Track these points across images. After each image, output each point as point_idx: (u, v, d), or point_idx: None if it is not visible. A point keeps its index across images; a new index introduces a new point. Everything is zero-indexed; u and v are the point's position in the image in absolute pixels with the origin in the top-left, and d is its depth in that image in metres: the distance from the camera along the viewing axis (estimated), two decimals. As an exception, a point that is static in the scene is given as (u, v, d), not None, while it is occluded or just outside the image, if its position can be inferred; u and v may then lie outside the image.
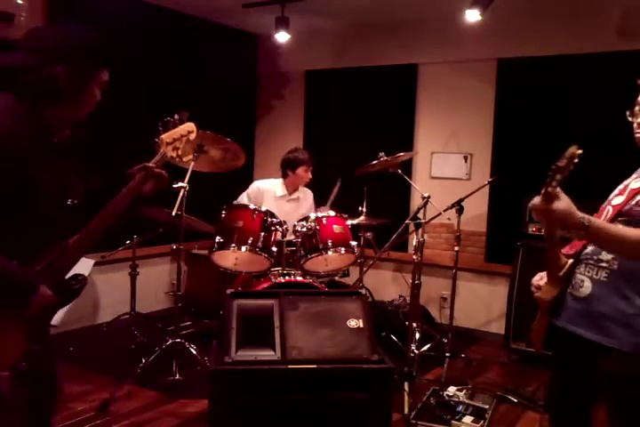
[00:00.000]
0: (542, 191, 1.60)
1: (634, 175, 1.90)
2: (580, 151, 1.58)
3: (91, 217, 1.72)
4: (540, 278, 1.99)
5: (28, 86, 1.56)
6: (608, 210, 1.83)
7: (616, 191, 1.91)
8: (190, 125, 2.04)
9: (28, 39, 1.62)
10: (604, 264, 1.78)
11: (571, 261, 1.87)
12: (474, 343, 4.61)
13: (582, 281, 1.82)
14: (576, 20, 4.25)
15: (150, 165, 1.87)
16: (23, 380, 1.58)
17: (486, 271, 4.74)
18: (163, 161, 1.91)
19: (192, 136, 2.03)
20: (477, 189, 3.95)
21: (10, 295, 1.54)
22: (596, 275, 1.79)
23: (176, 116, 2.01)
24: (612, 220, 1.78)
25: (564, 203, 1.61)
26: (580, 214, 1.64)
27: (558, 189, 1.60)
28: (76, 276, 1.72)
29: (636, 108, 1.81)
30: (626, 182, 1.89)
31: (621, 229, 1.70)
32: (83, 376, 3.62)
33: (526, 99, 4.49)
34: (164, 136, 1.94)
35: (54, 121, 1.64)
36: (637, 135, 1.81)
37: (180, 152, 1.98)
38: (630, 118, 1.83)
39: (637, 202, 1.74)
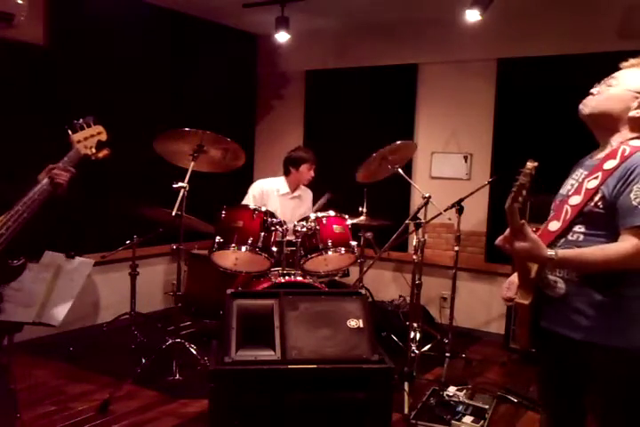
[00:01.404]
0: (507, 209, 1.66)
1: (581, 170, 1.91)
2: (536, 164, 1.63)
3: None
4: (508, 289, 1.98)
5: None
6: (567, 210, 1.82)
7: (569, 187, 1.90)
8: (98, 128, 2.30)
9: None
10: None
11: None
12: (474, 343, 4.61)
13: (555, 282, 1.81)
14: (576, 20, 4.25)
15: (54, 166, 2.07)
16: None
17: (486, 271, 4.74)
18: (76, 157, 2.16)
19: (102, 137, 2.30)
20: (477, 189, 3.95)
21: None
22: (567, 275, 1.79)
23: (81, 120, 2.27)
24: (573, 220, 1.79)
25: (528, 244, 1.67)
26: (547, 252, 1.68)
27: (525, 227, 1.65)
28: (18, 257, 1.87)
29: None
30: (577, 178, 1.89)
31: (596, 251, 1.70)
32: (83, 376, 3.63)
33: (526, 99, 4.49)
34: (74, 136, 2.20)
35: None
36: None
37: (93, 150, 2.24)
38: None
39: (596, 203, 1.74)
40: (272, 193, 4.13)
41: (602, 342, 1.72)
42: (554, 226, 1.84)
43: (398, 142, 3.90)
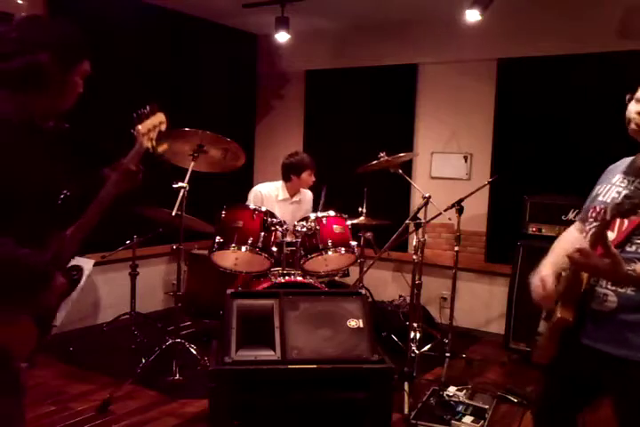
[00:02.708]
0: (593, 241, 1.59)
1: (630, 177, 1.82)
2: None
3: (83, 210, 1.74)
4: (544, 287, 1.80)
5: (12, 73, 1.56)
6: (623, 222, 1.71)
7: (615, 195, 1.80)
8: (161, 116, 2.07)
9: (10, 29, 1.61)
10: None
11: (586, 275, 1.74)
12: (474, 343, 4.60)
13: (606, 295, 1.71)
14: (576, 20, 4.25)
15: (125, 161, 1.88)
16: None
17: (486, 271, 4.74)
18: (140, 153, 1.93)
19: (163, 127, 2.06)
20: (477, 189, 3.95)
21: (28, 283, 1.52)
22: (622, 288, 1.69)
23: (148, 108, 2.04)
24: (632, 232, 1.69)
25: (608, 261, 1.56)
26: (626, 269, 1.57)
27: (607, 240, 1.55)
28: (74, 267, 1.74)
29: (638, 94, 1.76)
30: (625, 186, 1.80)
31: None
32: (83, 376, 3.63)
33: (526, 99, 4.49)
34: (139, 127, 1.97)
35: (38, 110, 1.63)
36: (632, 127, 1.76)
37: (154, 143, 2.00)
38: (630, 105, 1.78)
39: None
40: (269, 198, 4.11)
41: None
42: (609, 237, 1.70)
43: (402, 154, 3.96)
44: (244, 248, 3.36)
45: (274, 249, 3.45)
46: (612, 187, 1.85)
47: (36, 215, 1.59)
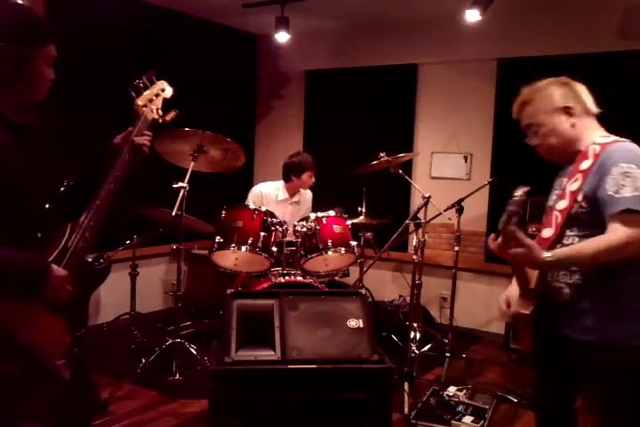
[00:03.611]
0: (501, 231, 1.69)
1: (561, 179, 1.97)
2: (527, 189, 1.67)
3: (90, 195, 1.67)
4: (507, 304, 1.98)
5: None
6: (556, 216, 1.86)
7: (554, 197, 1.95)
8: (162, 83, 2.03)
9: None
10: (574, 268, 1.81)
11: (537, 272, 1.87)
12: (474, 343, 4.60)
13: (560, 288, 1.85)
14: (576, 20, 4.25)
15: (133, 129, 1.83)
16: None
17: (486, 271, 4.74)
18: (146, 124, 1.88)
19: (167, 94, 2.01)
20: (477, 189, 3.95)
21: (26, 282, 1.51)
22: (570, 279, 1.82)
23: (144, 78, 1.99)
24: (564, 224, 1.82)
25: (524, 248, 1.69)
26: (543, 254, 1.70)
27: (518, 233, 1.67)
28: (100, 257, 1.68)
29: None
30: (559, 186, 1.95)
31: (587, 244, 1.74)
32: (83, 376, 3.62)
33: (526, 99, 4.48)
34: (138, 100, 1.92)
35: (5, 105, 1.56)
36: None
37: (160, 112, 1.95)
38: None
39: (581, 204, 1.79)
40: (269, 198, 4.11)
41: (606, 341, 1.75)
42: (547, 233, 1.88)
43: (402, 154, 3.96)
44: (243, 248, 3.36)
45: (274, 249, 3.45)
46: (552, 191, 2.02)
47: (33, 212, 1.57)
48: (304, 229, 3.50)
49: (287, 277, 3.41)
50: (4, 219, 1.51)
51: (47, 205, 1.62)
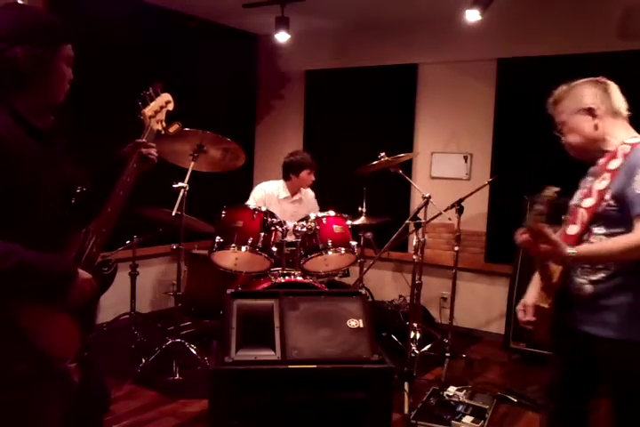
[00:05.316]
0: (528, 229, 1.75)
1: (588, 178, 1.99)
2: (557, 189, 1.74)
3: (102, 202, 1.68)
4: (525, 313, 2.01)
5: None
6: (582, 213, 1.88)
7: (580, 196, 1.97)
8: (166, 96, 2.04)
9: None
10: (599, 266, 1.84)
11: (560, 267, 1.90)
12: (474, 343, 4.61)
13: (581, 284, 1.87)
14: (576, 20, 4.25)
15: (141, 141, 1.85)
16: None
17: (486, 271, 4.74)
18: (152, 136, 1.91)
19: (170, 106, 2.03)
20: (477, 189, 3.95)
21: (53, 285, 1.51)
22: (594, 276, 1.84)
23: (151, 89, 2.00)
24: (590, 222, 1.85)
25: (549, 246, 1.73)
26: (568, 250, 1.74)
27: (545, 230, 1.72)
28: (106, 262, 1.69)
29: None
30: (586, 184, 1.97)
31: (611, 242, 1.78)
32: (83, 376, 3.62)
33: (526, 99, 4.48)
34: (145, 110, 1.93)
35: (26, 108, 1.55)
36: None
37: (164, 124, 1.98)
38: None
39: (609, 203, 1.81)
40: (272, 197, 4.13)
41: (626, 338, 1.78)
42: (572, 230, 1.91)
43: (402, 155, 3.97)
44: (243, 248, 3.36)
45: (274, 249, 3.45)
46: (578, 190, 2.03)
47: (50, 216, 1.57)
48: (304, 229, 3.50)
49: (287, 278, 3.41)
50: (21, 221, 1.51)
51: (63, 210, 1.62)
